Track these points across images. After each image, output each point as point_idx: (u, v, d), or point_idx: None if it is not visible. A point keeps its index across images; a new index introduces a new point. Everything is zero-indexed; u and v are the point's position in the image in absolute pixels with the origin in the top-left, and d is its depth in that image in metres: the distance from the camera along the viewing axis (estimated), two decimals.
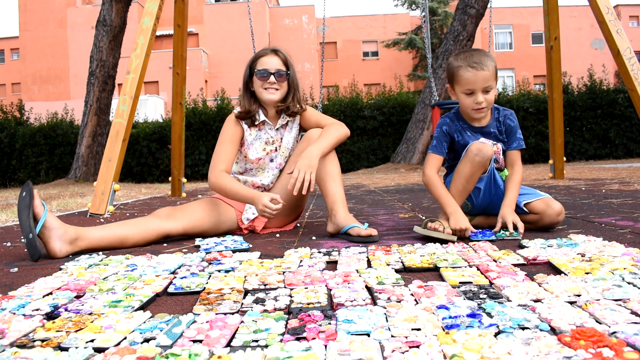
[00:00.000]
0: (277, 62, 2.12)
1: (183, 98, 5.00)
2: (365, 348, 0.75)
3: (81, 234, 1.78)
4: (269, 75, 2.10)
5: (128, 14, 10.51)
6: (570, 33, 27.16)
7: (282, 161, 2.23)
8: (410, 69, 27.95)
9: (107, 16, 10.15)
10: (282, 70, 2.12)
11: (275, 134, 2.21)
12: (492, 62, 1.89)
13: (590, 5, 4.12)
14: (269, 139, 2.20)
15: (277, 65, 2.12)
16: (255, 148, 2.18)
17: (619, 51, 3.93)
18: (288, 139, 2.23)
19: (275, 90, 2.12)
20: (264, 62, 2.12)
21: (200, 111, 13.60)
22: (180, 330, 0.88)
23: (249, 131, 2.17)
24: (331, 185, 2.05)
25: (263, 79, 2.10)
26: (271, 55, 2.12)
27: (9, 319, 0.97)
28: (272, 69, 2.10)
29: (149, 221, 1.97)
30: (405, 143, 11.60)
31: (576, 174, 6.50)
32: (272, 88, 2.11)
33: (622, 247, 1.46)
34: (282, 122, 2.20)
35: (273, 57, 2.12)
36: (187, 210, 2.04)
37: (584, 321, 0.84)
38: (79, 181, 10.30)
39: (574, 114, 13.44)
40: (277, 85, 2.12)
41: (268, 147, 2.20)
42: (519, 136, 2.04)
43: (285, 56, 2.15)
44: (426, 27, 5.59)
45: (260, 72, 2.10)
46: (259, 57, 2.13)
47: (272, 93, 2.12)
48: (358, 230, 1.91)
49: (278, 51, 2.14)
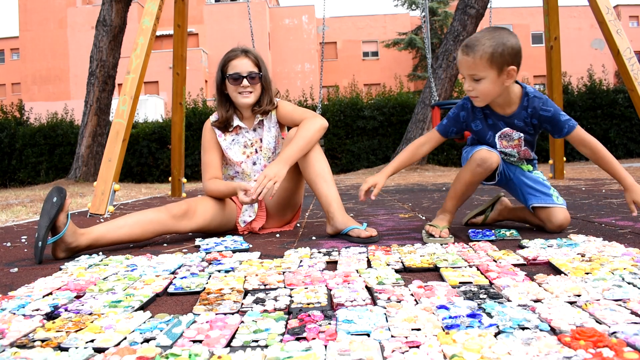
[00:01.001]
0: (248, 64, 2.07)
1: (183, 98, 5.00)
2: (365, 348, 0.75)
3: (92, 244, 1.76)
4: (241, 79, 2.06)
5: (128, 14, 10.50)
6: (570, 33, 27.17)
7: (266, 162, 2.18)
8: (410, 69, 27.96)
9: (107, 16, 10.15)
10: (254, 72, 2.07)
11: (253, 135, 2.18)
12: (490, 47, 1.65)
13: (590, 5, 4.12)
14: (247, 142, 2.17)
15: (249, 67, 2.07)
16: (234, 152, 2.16)
17: (619, 51, 3.93)
18: (268, 139, 2.17)
19: (249, 94, 2.08)
20: (235, 65, 2.07)
21: (200, 111, 13.61)
22: (180, 331, 0.88)
23: (223, 136, 2.16)
24: (322, 186, 2.01)
25: (236, 83, 2.06)
26: (241, 58, 2.07)
27: (9, 319, 0.97)
28: (244, 71, 2.06)
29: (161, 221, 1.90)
30: (405, 143, 11.59)
31: (576, 174, 6.50)
32: (245, 92, 2.08)
33: (622, 247, 1.46)
34: (256, 121, 2.17)
35: (243, 59, 2.07)
36: (199, 209, 2.00)
37: (584, 321, 0.84)
38: (79, 181, 10.30)
39: (574, 114, 13.43)
40: (251, 87, 2.08)
41: (247, 150, 2.17)
42: (564, 119, 1.80)
43: (256, 56, 2.11)
44: (426, 27, 5.59)
45: (233, 76, 2.06)
46: (230, 60, 2.08)
47: (246, 97, 2.08)
48: (358, 232, 1.90)
49: (248, 52, 2.09)
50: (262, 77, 2.11)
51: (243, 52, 2.09)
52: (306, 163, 2.03)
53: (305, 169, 2.04)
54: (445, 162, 13.30)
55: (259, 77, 2.09)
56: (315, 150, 2.04)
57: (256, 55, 2.11)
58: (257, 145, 2.18)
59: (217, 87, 2.13)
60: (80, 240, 1.72)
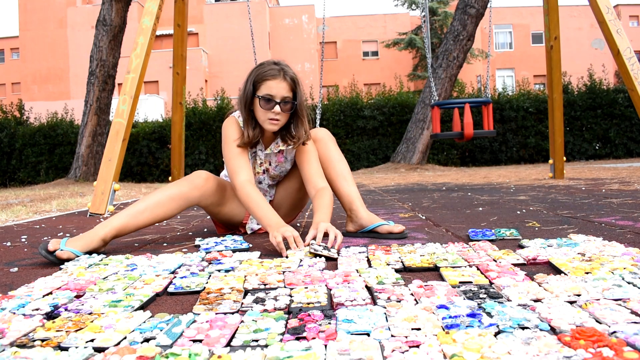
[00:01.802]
0: (285, 89, 1.85)
1: (183, 98, 5.00)
2: (365, 348, 0.75)
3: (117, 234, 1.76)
4: (274, 104, 1.84)
5: (128, 13, 10.51)
6: (570, 33, 27.17)
7: (272, 182, 2.16)
8: (410, 68, 27.97)
9: (107, 16, 10.15)
10: (288, 97, 1.86)
11: (264, 156, 2.07)
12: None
13: (590, 5, 4.12)
14: (257, 161, 2.08)
15: (285, 92, 1.85)
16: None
17: (619, 51, 3.94)
18: (281, 170, 2.12)
19: (277, 122, 1.88)
20: (270, 86, 1.84)
21: (200, 111, 13.62)
22: (180, 330, 0.88)
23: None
24: (344, 185, 2.02)
25: (267, 107, 1.85)
26: (280, 80, 1.84)
27: (9, 319, 0.97)
28: (278, 96, 1.84)
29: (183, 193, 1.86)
30: (405, 143, 11.60)
31: (576, 174, 6.51)
32: (274, 119, 1.87)
33: (622, 247, 1.46)
34: (275, 149, 2.03)
35: (282, 82, 1.84)
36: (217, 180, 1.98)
37: (584, 321, 0.84)
38: (79, 181, 10.30)
39: (574, 114, 13.44)
40: (281, 115, 1.87)
41: (257, 169, 2.10)
42: None
43: (294, 79, 1.88)
44: (426, 27, 5.58)
45: (265, 99, 1.84)
46: (265, 78, 1.84)
47: (273, 124, 1.88)
48: (389, 228, 1.90)
49: (286, 73, 1.86)
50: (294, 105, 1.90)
51: (282, 73, 1.85)
52: (327, 164, 2.03)
53: (326, 170, 2.03)
54: (445, 162, 13.31)
55: (292, 105, 1.89)
56: (336, 151, 2.07)
57: (294, 77, 1.89)
58: (265, 166, 2.10)
59: (247, 101, 1.90)
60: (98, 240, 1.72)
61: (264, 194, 2.18)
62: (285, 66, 1.89)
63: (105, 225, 1.75)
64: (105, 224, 1.76)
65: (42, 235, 2.35)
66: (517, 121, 13.44)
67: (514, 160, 13.59)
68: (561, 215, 2.38)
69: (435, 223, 2.34)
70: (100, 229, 1.74)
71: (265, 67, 1.87)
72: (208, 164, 13.37)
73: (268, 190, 2.20)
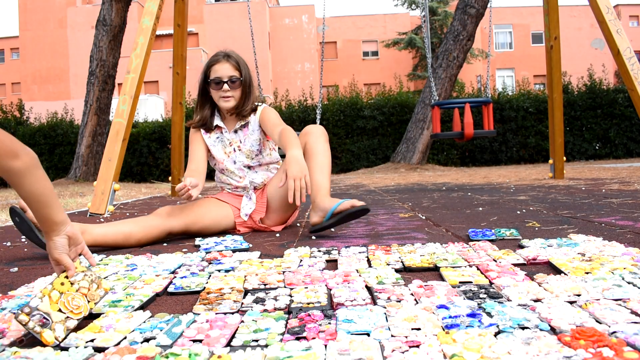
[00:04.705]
0: (229, 69, 2.13)
1: (183, 98, 5.00)
2: (365, 348, 0.75)
3: (85, 229, 1.79)
4: (222, 84, 2.13)
5: (128, 13, 10.50)
6: (570, 33, 27.17)
7: (250, 162, 2.24)
8: (410, 68, 27.96)
9: (107, 16, 10.14)
10: (234, 76, 2.14)
11: (233, 136, 2.25)
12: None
13: (590, 5, 4.12)
14: (226, 141, 2.25)
15: (230, 71, 2.13)
16: (217, 150, 2.25)
17: (619, 51, 3.93)
18: (251, 142, 2.23)
19: (229, 98, 2.15)
20: (216, 69, 2.14)
21: None
22: (180, 330, 0.88)
23: (208, 135, 2.26)
24: (316, 176, 2.01)
25: (217, 88, 2.14)
26: (223, 62, 2.13)
27: (9, 319, 0.97)
28: (225, 76, 2.13)
29: (151, 219, 1.99)
30: (405, 143, 11.60)
31: (576, 174, 6.51)
32: (226, 96, 2.14)
33: (622, 247, 1.46)
34: (238, 125, 2.24)
35: (225, 63, 2.13)
36: (187, 208, 2.09)
37: (584, 321, 0.84)
38: (79, 181, 10.30)
39: (574, 114, 13.44)
40: (231, 92, 2.14)
41: (227, 149, 2.25)
42: None
43: (237, 60, 2.16)
44: (426, 26, 5.58)
45: (214, 81, 2.14)
46: (211, 64, 2.15)
47: (227, 101, 2.15)
48: (350, 203, 1.90)
49: (229, 56, 2.15)
50: (242, 82, 2.16)
51: (225, 56, 2.15)
52: (309, 155, 2.05)
53: (308, 161, 2.04)
54: (445, 161, 13.31)
55: (240, 82, 2.15)
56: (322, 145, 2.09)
57: (237, 59, 2.17)
58: (236, 145, 2.25)
59: (200, 89, 2.21)
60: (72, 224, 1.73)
61: (241, 176, 2.23)
62: (231, 52, 2.18)
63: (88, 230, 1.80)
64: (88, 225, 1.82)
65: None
66: (517, 121, 13.43)
67: (514, 160, 13.59)
68: (561, 215, 2.38)
69: (435, 223, 2.34)
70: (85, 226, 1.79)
71: (212, 56, 2.18)
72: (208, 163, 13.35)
73: (247, 172, 2.25)
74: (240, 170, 2.25)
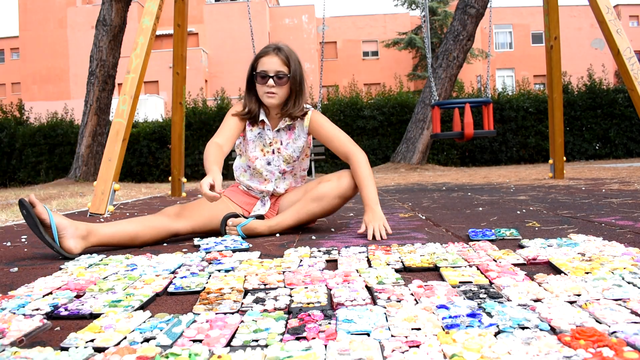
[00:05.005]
0: (277, 63, 2.00)
1: (183, 98, 5.00)
2: (365, 348, 0.75)
3: (92, 229, 1.78)
4: (267, 78, 2.00)
5: (128, 13, 10.50)
6: (570, 33, 27.17)
7: (285, 167, 2.16)
8: (410, 68, 27.96)
9: (107, 16, 10.14)
10: (281, 72, 2.00)
11: (274, 135, 2.14)
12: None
13: (590, 5, 4.12)
14: (266, 140, 2.14)
15: (277, 66, 2.00)
16: (254, 146, 2.15)
17: (619, 51, 3.93)
18: (294, 148, 2.14)
19: (273, 94, 2.02)
20: (264, 62, 2.01)
21: (200, 111, 13.61)
22: (180, 330, 0.88)
23: (250, 127, 2.14)
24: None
25: (262, 82, 2.02)
26: (271, 55, 2.00)
27: (9, 319, 0.97)
28: (271, 70, 2.00)
29: (158, 220, 1.95)
30: (405, 143, 11.60)
31: (576, 174, 6.51)
32: (270, 92, 2.01)
33: (622, 247, 1.46)
34: (283, 124, 2.12)
35: (273, 57, 2.00)
36: (195, 209, 2.04)
37: (584, 321, 0.84)
38: (79, 181, 10.30)
39: (574, 114, 13.44)
40: (276, 89, 2.01)
41: (266, 149, 2.15)
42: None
43: (288, 55, 2.02)
44: (426, 26, 5.58)
45: (260, 74, 2.01)
46: (260, 56, 2.03)
47: (270, 97, 2.02)
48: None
49: (280, 50, 2.02)
50: (290, 79, 2.03)
51: (275, 49, 2.02)
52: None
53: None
54: (445, 161, 13.31)
55: (287, 78, 2.02)
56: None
57: (288, 54, 2.03)
58: (276, 146, 2.14)
59: (247, 80, 2.09)
60: (78, 224, 1.73)
61: (266, 179, 2.16)
62: (284, 46, 2.05)
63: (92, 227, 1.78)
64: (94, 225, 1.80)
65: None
66: (517, 121, 13.44)
67: (514, 160, 13.59)
68: (561, 215, 2.38)
69: (435, 223, 2.34)
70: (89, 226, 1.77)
71: (264, 48, 2.06)
72: None
73: (280, 177, 2.18)
74: (270, 173, 2.16)
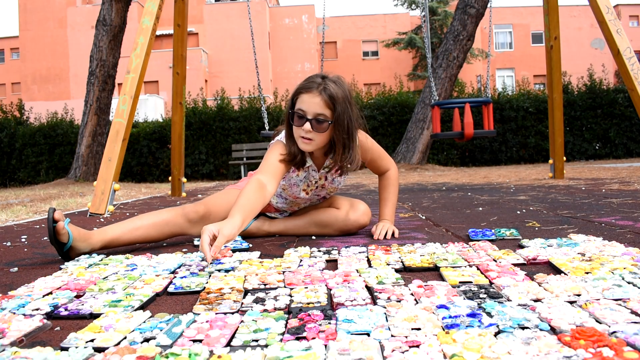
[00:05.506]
0: (318, 104, 1.66)
1: (183, 98, 5.00)
2: (365, 348, 0.75)
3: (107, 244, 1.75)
4: (305, 121, 1.68)
5: (128, 13, 10.50)
6: (570, 33, 27.18)
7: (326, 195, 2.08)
8: (410, 68, 27.96)
9: (107, 16, 10.15)
10: (321, 116, 1.67)
11: (320, 174, 1.94)
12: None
13: (590, 5, 4.12)
14: (311, 181, 1.95)
15: (318, 107, 1.66)
16: (299, 189, 1.96)
17: (619, 51, 3.93)
18: (339, 180, 1.99)
19: (309, 141, 1.71)
20: (303, 100, 1.68)
21: (200, 111, 13.61)
22: (180, 330, 0.88)
23: (296, 172, 1.91)
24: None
25: (299, 123, 1.70)
26: (314, 95, 1.66)
27: (9, 319, 0.97)
28: (310, 112, 1.67)
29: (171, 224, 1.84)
30: (405, 143, 11.60)
31: (576, 174, 6.51)
32: (306, 137, 1.70)
33: (622, 247, 1.46)
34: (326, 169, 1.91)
35: (316, 97, 1.66)
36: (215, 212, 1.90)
37: (584, 321, 0.84)
38: (79, 181, 10.30)
39: (574, 114, 13.44)
40: (313, 134, 1.69)
41: (309, 188, 1.98)
42: None
43: (333, 95, 1.66)
44: (426, 26, 5.59)
45: (297, 115, 1.70)
46: (301, 91, 1.70)
47: (306, 143, 1.72)
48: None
49: (325, 90, 1.67)
50: (333, 125, 1.70)
51: (320, 85, 1.68)
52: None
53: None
54: (445, 161, 13.31)
55: (328, 124, 1.69)
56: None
57: (335, 93, 1.66)
58: (320, 183, 1.97)
59: (286, 115, 1.77)
60: (94, 243, 1.71)
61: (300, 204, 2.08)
62: (332, 81, 1.70)
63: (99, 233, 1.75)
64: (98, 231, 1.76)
65: (42, 235, 2.35)
66: (517, 121, 13.44)
67: (514, 160, 13.59)
68: (561, 215, 2.38)
69: (435, 223, 2.34)
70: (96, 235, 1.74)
71: (307, 80, 1.73)
72: (208, 164, 13.36)
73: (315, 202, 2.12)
74: (309, 201, 2.06)
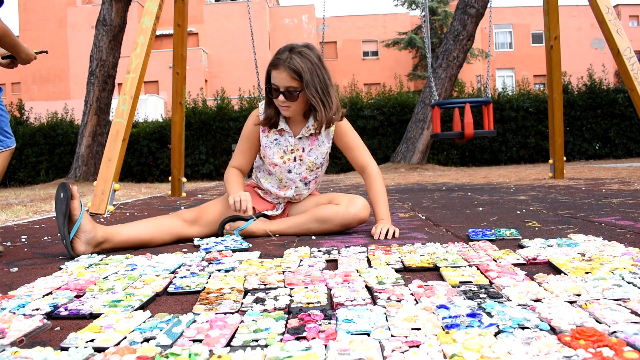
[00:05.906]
0: (286, 79, 1.85)
1: (183, 98, 5.00)
2: (365, 348, 0.75)
3: (109, 237, 1.78)
4: (278, 94, 1.89)
5: (128, 13, 10.51)
6: (570, 33, 27.17)
7: (307, 175, 2.10)
8: (410, 68, 27.94)
9: (107, 16, 10.15)
10: (291, 87, 1.87)
11: (296, 142, 2.05)
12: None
13: (590, 5, 4.12)
14: (287, 147, 2.05)
15: (286, 81, 1.86)
16: (273, 152, 2.06)
17: (619, 51, 3.93)
18: (317, 155, 2.06)
19: (287, 107, 1.92)
20: (274, 76, 1.88)
21: (200, 111, 13.61)
22: (180, 330, 0.88)
23: (266, 132, 2.05)
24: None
25: (275, 95, 1.91)
26: (280, 70, 1.85)
27: (9, 319, 0.97)
28: (281, 86, 1.87)
29: (174, 224, 1.95)
30: (405, 143, 11.60)
31: (576, 174, 6.51)
32: (282, 106, 1.92)
33: (622, 247, 1.46)
34: (306, 132, 2.03)
35: (282, 72, 1.85)
36: (211, 216, 2.03)
37: (584, 321, 0.84)
38: (79, 181, 10.30)
39: (574, 114, 13.44)
40: (288, 103, 1.90)
41: (286, 156, 2.05)
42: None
43: (297, 69, 1.83)
44: (426, 26, 5.59)
45: (273, 89, 1.91)
46: (271, 67, 1.90)
47: (284, 110, 1.93)
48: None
49: (289, 64, 1.83)
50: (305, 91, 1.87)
51: (284, 63, 1.84)
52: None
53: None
54: (445, 161, 13.31)
55: (297, 94, 1.88)
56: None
57: (300, 66, 1.83)
58: (298, 154, 2.06)
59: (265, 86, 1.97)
60: (97, 231, 1.75)
61: (291, 186, 2.11)
62: (297, 53, 1.86)
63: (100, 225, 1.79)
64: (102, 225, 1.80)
65: (42, 235, 2.35)
66: (517, 121, 13.44)
67: (514, 160, 13.59)
68: (561, 215, 2.38)
69: (435, 223, 2.34)
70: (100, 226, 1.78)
71: (276, 55, 1.90)
72: (208, 164, 13.37)
73: (300, 185, 2.11)
74: (291, 181, 2.09)
